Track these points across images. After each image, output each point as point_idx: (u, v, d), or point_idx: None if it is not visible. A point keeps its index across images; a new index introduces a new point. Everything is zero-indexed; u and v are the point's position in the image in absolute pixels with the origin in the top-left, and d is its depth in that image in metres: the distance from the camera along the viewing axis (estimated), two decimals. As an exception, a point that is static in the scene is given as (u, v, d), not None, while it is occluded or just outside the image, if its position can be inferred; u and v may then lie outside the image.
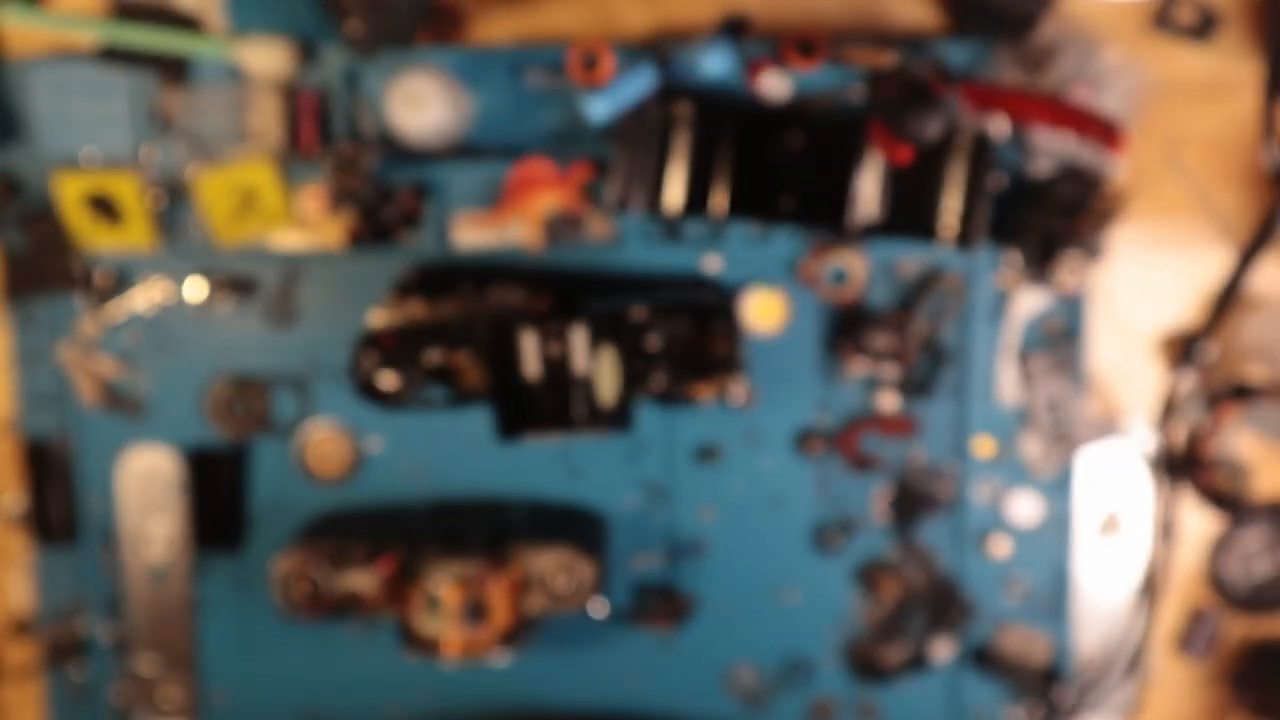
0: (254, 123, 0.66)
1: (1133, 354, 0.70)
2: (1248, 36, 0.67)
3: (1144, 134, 0.67)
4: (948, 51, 0.65)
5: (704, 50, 0.60)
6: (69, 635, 0.70)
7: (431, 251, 0.67)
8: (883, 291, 0.68)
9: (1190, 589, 0.72)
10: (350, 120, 0.66)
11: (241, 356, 0.68)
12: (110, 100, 0.66)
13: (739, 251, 0.67)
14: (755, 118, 0.65)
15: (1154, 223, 0.69)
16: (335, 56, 0.65)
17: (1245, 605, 0.71)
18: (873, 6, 0.67)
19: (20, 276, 0.68)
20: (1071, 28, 0.65)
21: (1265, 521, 0.70)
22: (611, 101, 0.60)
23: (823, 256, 0.67)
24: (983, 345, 0.68)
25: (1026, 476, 0.69)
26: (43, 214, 0.67)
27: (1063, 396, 0.68)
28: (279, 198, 0.65)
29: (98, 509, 0.69)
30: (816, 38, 0.62)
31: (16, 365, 0.69)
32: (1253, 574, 0.71)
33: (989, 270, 0.67)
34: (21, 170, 0.67)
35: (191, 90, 0.66)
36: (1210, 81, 0.67)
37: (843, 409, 0.69)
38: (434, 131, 0.64)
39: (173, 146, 0.66)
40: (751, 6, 0.63)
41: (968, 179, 0.65)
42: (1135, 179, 0.68)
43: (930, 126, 0.57)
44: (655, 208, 0.66)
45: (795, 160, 0.65)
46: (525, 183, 0.65)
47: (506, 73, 0.66)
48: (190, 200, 0.67)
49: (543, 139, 0.67)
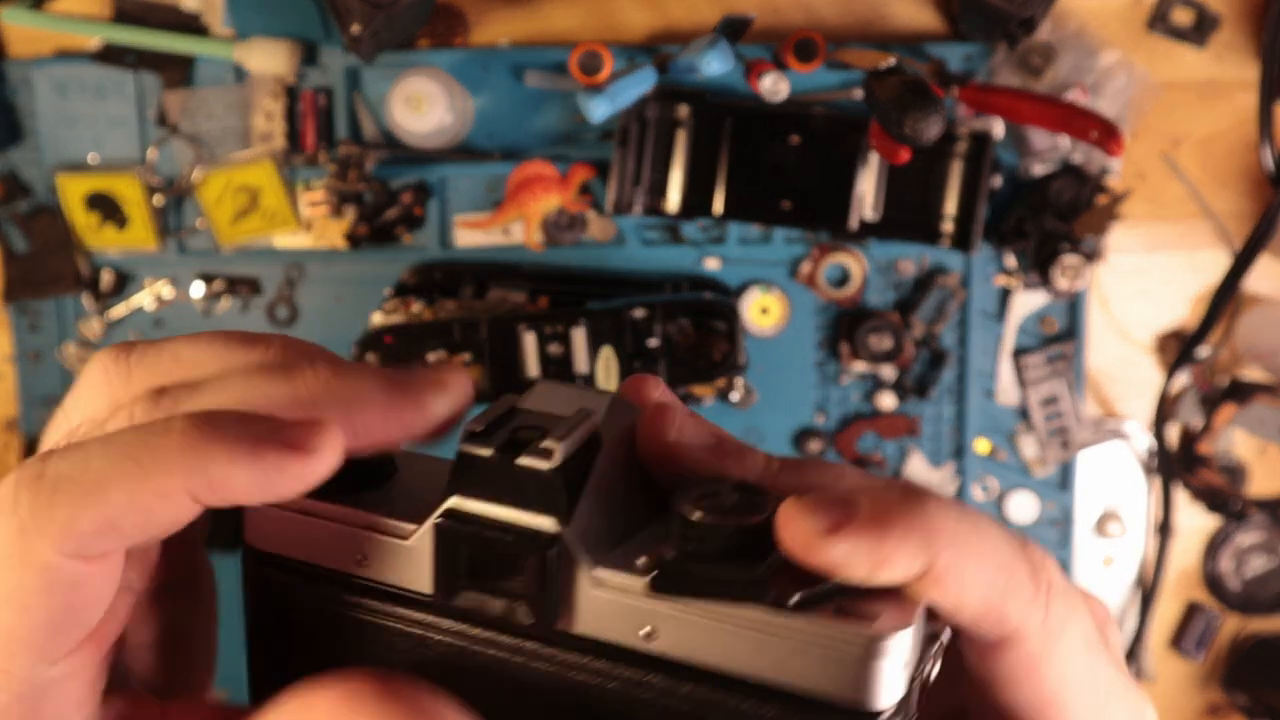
0: (256, 124, 0.66)
1: (1130, 354, 0.70)
2: (1244, 38, 0.67)
3: (1141, 135, 0.68)
4: (947, 53, 0.65)
5: (704, 51, 0.60)
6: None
7: (432, 252, 0.67)
8: (882, 292, 0.68)
9: (1186, 588, 0.72)
10: (352, 122, 0.66)
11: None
12: (113, 102, 0.66)
13: (739, 251, 0.67)
14: (755, 119, 0.65)
15: (1151, 223, 0.69)
16: (337, 58, 0.66)
17: (1240, 604, 0.72)
18: (872, 8, 0.67)
19: (23, 277, 0.68)
20: (1069, 30, 0.65)
21: (1260, 521, 0.71)
22: (611, 102, 0.61)
23: (822, 257, 0.67)
24: (981, 345, 0.68)
25: (1024, 476, 0.69)
26: (45, 214, 0.67)
27: (1060, 396, 0.68)
28: (281, 198, 0.66)
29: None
30: (816, 39, 0.62)
31: (18, 365, 0.69)
32: (1247, 573, 0.71)
33: (988, 271, 0.68)
34: (24, 171, 0.67)
35: (194, 92, 0.66)
36: (1207, 83, 0.68)
37: (842, 409, 0.69)
38: (435, 132, 0.64)
39: (175, 147, 0.66)
40: (751, 8, 0.63)
41: (966, 180, 0.65)
42: (1133, 180, 0.68)
43: (929, 128, 0.57)
44: (655, 208, 0.66)
45: (795, 161, 0.65)
46: (525, 183, 0.66)
47: (506, 74, 0.66)
48: (192, 201, 0.67)
49: (543, 139, 0.67)
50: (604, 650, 0.24)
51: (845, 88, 0.65)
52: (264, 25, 0.65)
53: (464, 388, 0.26)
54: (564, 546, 0.24)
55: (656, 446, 0.26)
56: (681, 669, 0.24)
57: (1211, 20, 0.66)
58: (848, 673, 0.22)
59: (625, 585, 0.24)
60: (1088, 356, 0.69)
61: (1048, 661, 0.25)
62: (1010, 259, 0.67)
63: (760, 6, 0.66)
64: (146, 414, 0.24)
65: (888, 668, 0.23)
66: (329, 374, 0.25)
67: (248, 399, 0.24)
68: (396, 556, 0.25)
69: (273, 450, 0.23)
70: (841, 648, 0.22)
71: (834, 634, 0.22)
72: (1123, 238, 0.68)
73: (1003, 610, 0.24)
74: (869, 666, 0.22)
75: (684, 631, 0.24)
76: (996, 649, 0.25)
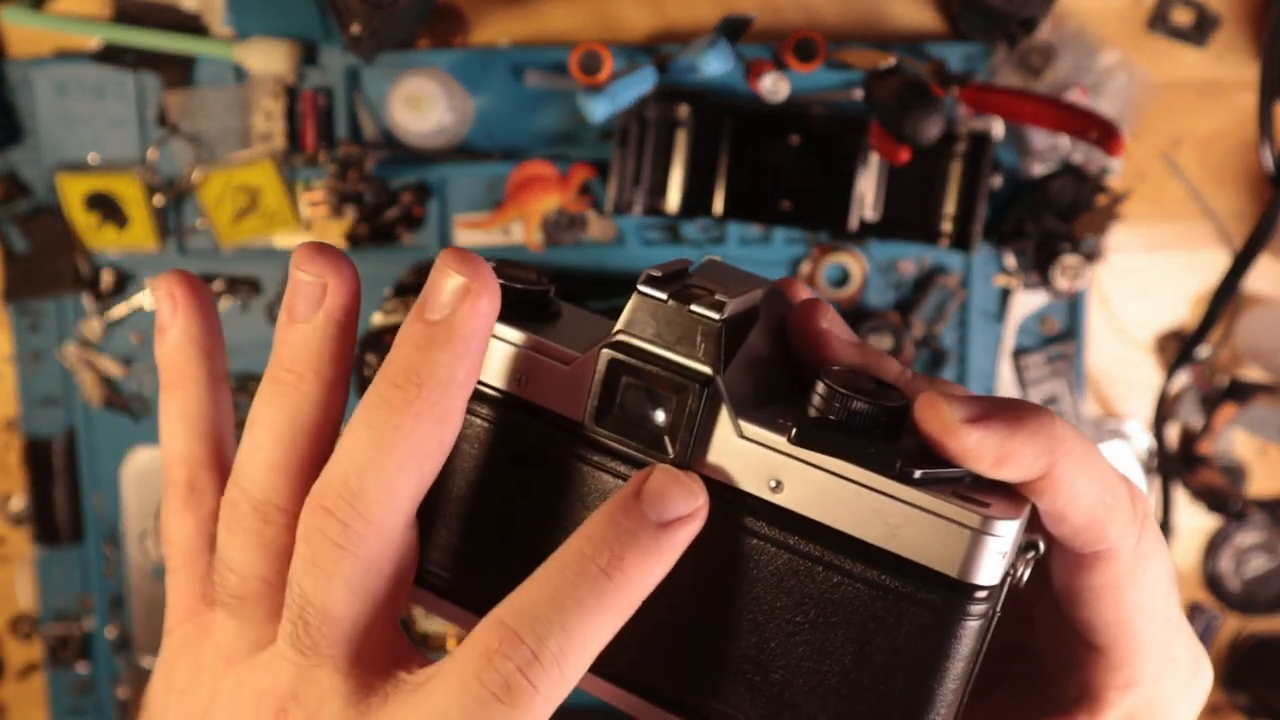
0: (256, 124, 0.66)
1: (1129, 354, 0.70)
2: (1244, 38, 0.67)
3: (1141, 135, 0.68)
4: (947, 53, 0.65)
5: (704, 51, 0.60)
6: (72, 633, 0.71)
7: (432, 251, 0.67)
8: (882, 292, 0.68)
9: (1186, 588, 0.72)
10: (352, 122, 0.66)
11: (244, 356, 0.69)
12: (113, 102, 0.66)
13: (739, 251, 0.67)
14: (755, 119, 0.65)
15: (1151, 223, 0.69)
16: (337, 58, 0.66)
17: (1240, 604, 0.72)
18: (872, 8, 0.67)
19: (23, 277, 0.68)
20: (1069, 30, 0.65)
21: (1260, 521, 0.71)
22: (611, 102, 0.61)
23: (822, 257, 0.67)
24: (981, 345, 0.68)
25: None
26: (46, 214, 0.67)
27: (1060, 396, 0.68)
28: (281, 198, 0.66)
29: (101, 508, 0.70)
30: (816, 39, 0.62)
31: (18, 365, 0.69)
32: (1247, 573, 0.71)
33: (988, 271, 0.68)
34: (24, 171, 0.67)
35: (194, 92, 0.66)
36: (1207, 83, 0.68)
37: (841, 408, 0.69)
38: (435, 132, 0.64)
39: (175, 147, 0.66)
40: (751, 8, 0.63)
41: (966, 180, 0.65)
42: (1133, 180, 0.68)
43: (929, 128, 0.57)
44: (655, 208, 0.66)
45: (795, 161, 0.65)
46: (525, 183, 0.66)
47: (506, 74, 0.66)
48: (192, 201, 0.67)
49: (543, 139, 0.67)
50: (730, 493, 0.26)
51: (845, 88, 0.65)
52: (264, 25, 0.65)
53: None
54: (716, 390, 0.26)
55: (808, 331, 0.28)
56: (801, 522, 0.26)
57: (1211, 20, 0.66)
58: (955, 548, 0.25)
59: (764, 437, 0.26)
60: (1088, 356, 0.69)
61: (1132, 583, 0.27)
62: (1010, 259, 0.67)
63: (760, 6, 0.66)
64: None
65: (991, 550, 0.25)
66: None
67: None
68: (555, 381, 0.27)
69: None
70: (954, 524, 0.25)
71: (949, 510, 0.25)
72: (1123, 238, 0.68)
73: (1103, 526, 0.26)
74: (976, 544, 0.25)
75: (810, 488, 0.26)
76: (1087, 562, 0.27)
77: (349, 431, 0.26)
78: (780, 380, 0.28)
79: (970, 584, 0.25)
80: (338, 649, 0.26)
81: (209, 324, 0.30)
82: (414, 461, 0.26)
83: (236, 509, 0.28)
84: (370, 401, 0.26)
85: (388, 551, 0.26)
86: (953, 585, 0.25)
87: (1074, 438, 0.25)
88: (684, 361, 0.26)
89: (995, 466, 0.25)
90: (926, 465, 0.25)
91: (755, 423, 0.26)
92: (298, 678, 0.27)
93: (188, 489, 0.30)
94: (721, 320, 0.26)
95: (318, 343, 0.28)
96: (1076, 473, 0.25)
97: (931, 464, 0.25)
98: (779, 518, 0.26)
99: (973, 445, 0.25)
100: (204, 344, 0.30)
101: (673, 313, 0.26)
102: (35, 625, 0.72)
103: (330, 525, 0.26)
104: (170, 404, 0.30)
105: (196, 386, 0.30)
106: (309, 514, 0.26)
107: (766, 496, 0.26)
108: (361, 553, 0.26)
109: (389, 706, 0.26)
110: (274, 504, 0.28)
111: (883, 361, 0.29)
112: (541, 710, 0.25)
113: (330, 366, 0.28)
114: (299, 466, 0.28)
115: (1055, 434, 0.25)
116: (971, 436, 0.25)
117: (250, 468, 0.28)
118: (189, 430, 0.30)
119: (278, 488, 0.28)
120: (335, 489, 0.26)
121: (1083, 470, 0.25)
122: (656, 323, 0.26)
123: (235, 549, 0.28)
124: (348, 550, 0.26)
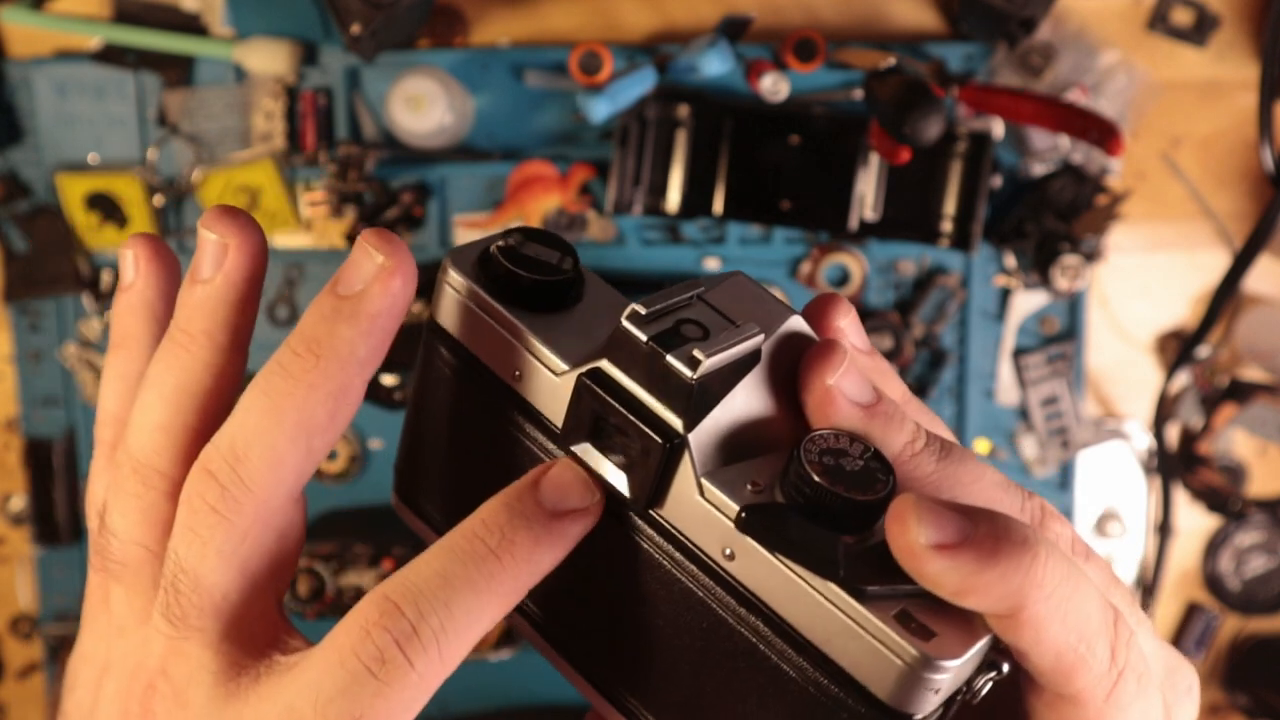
0: (256, 124, 0.66)
1: (1129, 354, 0.70)
2: (1244, 38, 0.67)
3: (1141, 135, 0.68)
4: (947, 53, 0.65)
5: (704, 51, 0.60)
6: (71, 633, 0.71)
7: (432, 252, 0.67)
8: (882, 292, 0.68)
9: (1185, 588, 0.72)
10: (351, 122, 0.66)
11: (243, 356, 0.69)
12: (113, 102, 0.66)
13: (739, 251, 0.67)
14: (755, 119, 0.65)
15: (1151, 223, 0.69)
16: (337, 58, 0.66)
17: (1240, 604, 0.72)
18: (872, 8, 0.67)
19: (23, 277, 0.68)
20: (1069, 30, 0.65)
21: (1260, 521, 0.71)
22: (611, 102, 0.61)
23: (822, 257, 0.67)
24: (981, 345, 0.68)
25: (1024, 476, 0.69)
26: (46, 214, 0.67)
27: (1060, 396, 0.68)
28: (281, 198, 0.66)
29: (100, 508, 0.70)
30: (816, 39, 0.62)
31: (18, 365, 0.69)
32: (1247, 573, 0.71)
33: (988, 271, 0.68)
34: (24, 171, 0.67)
35: (194, 92, 0.66)
36: (1207, 83, 0.68)
37: (841, 408, 0.69)
38: (435, 132, 0.64)
39: (175, 147, 0.66)
40: (751, 8, 0.63)
41: (966, 180, 0.65)
42: (1133, 180, 0.68)
43: (929, 128, 0.57)
44: (655, 208, 0.66)
45: (795, 161, 0.65)
46: (525, 183, 0.66)
47: (506, 74, 0.66)
48: (192, 201, 0.67)
49: (543, 139, 0.67)
50: (684, 549, 0.26)
51: (845, 88, 0.65)
52: (264, 25, 0.65)
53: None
54: (681, 447, 0.25)
55: (812, 388, 0.26)
56: (747, 596, 0.25)
57: (1211, 20, 0.66)
58: (887, 675, 0.23)
59: (722, 504, 0.25)
60: (1088, 356, 0.69)
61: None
62: (1010, 259, 0.67)
63: (760, 6, 0.66)
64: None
65: (924, 688, 0.23)
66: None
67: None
68: (545, 385, 0.27)
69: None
70: (889, 652, 0.23)
71: (887, 638, 0.23)
72: (1123, 238, 0.68)
73: (1069, 675, 0.24)
74: (910, 679, 0.23)
75: (760, 569, 0.25)
76: (1054, 699, 0.25)
77: (244, 396, 0.26)
78: (784, 421, 0.27)
79: (901, 712, 0.24)
80: (207, 620, 0.26)
81: (165, 289, 0.30)
82: (303, 434, 0.26)
83: (119, 470, 0.27)
84: (268, 369, 0.26)
85: (267, 523, 0.26)
86: (882, 707, 0.24)
87: (1056, 579, 0.23)
88: (655, 409, 0.25)
89: (956, 597, 0.23)
90: (884, 574, 0.23)
91: (719, 486, 0.25)
92: (168, 651, 0.26)
93: (111, 449, 0.29)
94: (694, 380, 0.24)
95: (213, 305, 0.27)
96: (1049, 618, 0.23)
97: (890, 572, 0.23)
98: (730, 587, 0.25)
99: (933, 574, 0.23)
100: (155, 309, 0.30)
101: (647, 358, 0.25)
102: (35, 625, 0.72)
103: (210, 489, 0.25)
104: (112, 364, 0.30)
105: (140, 349, 0.29)
106: (192, 478, 0.26)
107: (720, 562, 0.25)
108: (238, 520, 0.25)
109: (260, 687, 0.25)
110: (154, 468, 0.27)
111: (890, 429, 0.26)
112: (416, 690, 0.24)
113: (224, 331, 0.27)
114: (184, 430, 0.27)
115: (1033, 575, 0.23)
116: (935, 565, 0.22)
117: (135, 429, 0.27)
118: (125, 392, 0.30)
119: (159, 451, 0.27)
120: (221, 452, 0.26)
121: (1056, 617, 0.23)
122: (634, 362, 0.25)
123: (116, 513, 0.27)
124: (223, 516, 0.25)
